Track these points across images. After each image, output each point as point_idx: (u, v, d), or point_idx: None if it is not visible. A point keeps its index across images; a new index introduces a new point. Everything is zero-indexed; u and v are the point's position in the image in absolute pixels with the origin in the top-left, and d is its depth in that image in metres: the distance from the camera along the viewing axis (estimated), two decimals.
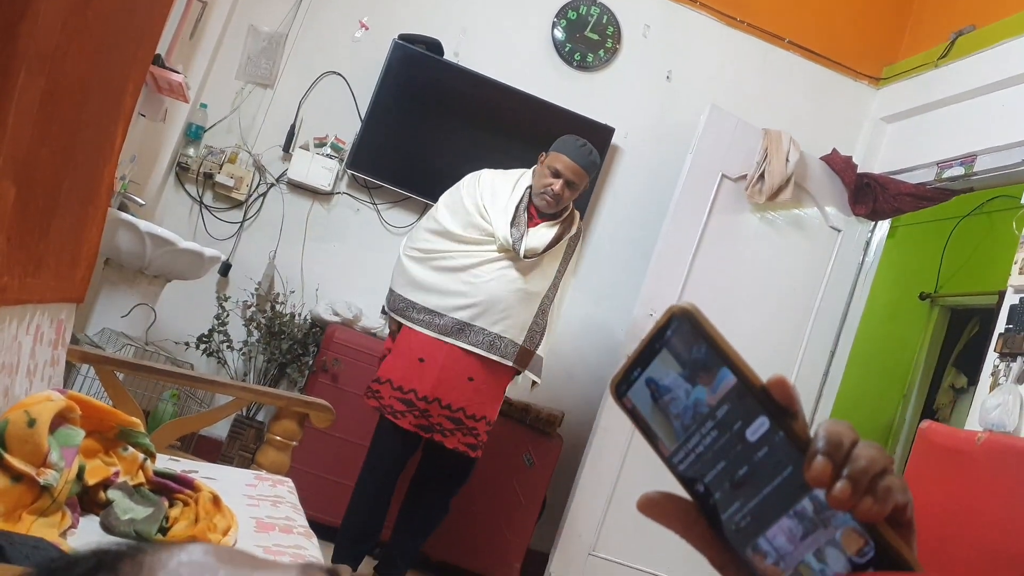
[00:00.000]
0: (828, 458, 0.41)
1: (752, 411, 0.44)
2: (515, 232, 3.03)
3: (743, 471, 0.44)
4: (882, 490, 0.41)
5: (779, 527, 0.43)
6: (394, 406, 3.00)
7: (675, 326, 0.47)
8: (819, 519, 0.42)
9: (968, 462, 1.92)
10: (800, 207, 4.18)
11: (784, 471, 0.43)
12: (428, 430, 3.01)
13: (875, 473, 0.42)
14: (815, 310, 4.21)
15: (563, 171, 3.04)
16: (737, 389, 0.45)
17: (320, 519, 3.33)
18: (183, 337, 3.80)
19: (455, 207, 3.15)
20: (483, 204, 3.09)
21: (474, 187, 3.15)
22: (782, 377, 0.44)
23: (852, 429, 0.43)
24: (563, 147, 3.07)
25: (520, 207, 3.08)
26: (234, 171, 4.01)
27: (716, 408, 0.45)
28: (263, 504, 1.89)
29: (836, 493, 0.41)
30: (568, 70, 4.31)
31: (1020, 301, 3.02)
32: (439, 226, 3.13)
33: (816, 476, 0.41)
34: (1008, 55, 3.57)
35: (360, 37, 4.17)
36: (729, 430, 0.45)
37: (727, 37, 4.41)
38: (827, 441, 0.42)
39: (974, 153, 3.68)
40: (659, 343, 0.47)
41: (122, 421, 1.59)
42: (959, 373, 5.74)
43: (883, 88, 4.46)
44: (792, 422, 0.44)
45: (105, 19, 1.64)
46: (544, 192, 3.05)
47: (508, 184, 3.14)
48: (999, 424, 2.81)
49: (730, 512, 0.45)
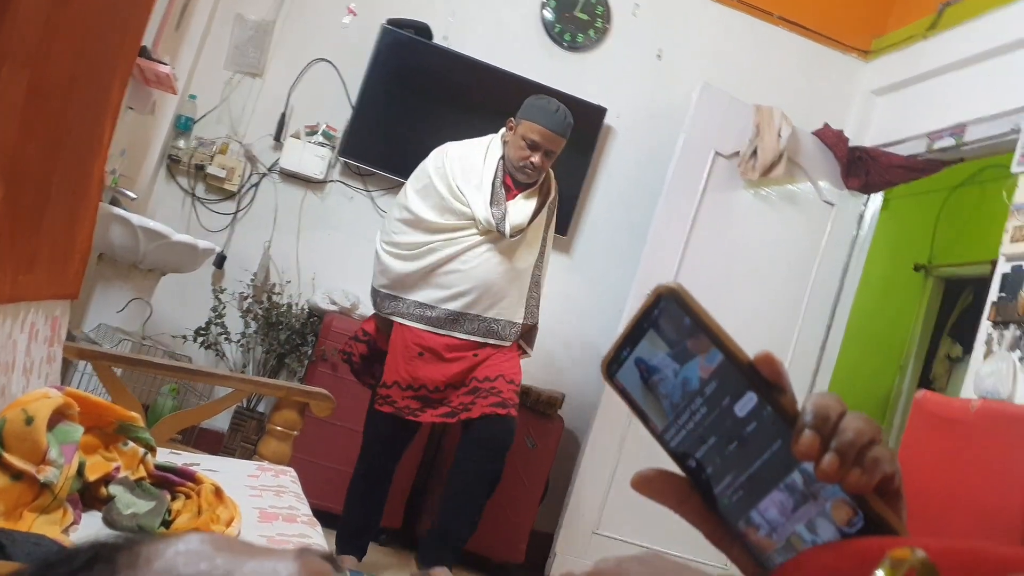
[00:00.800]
0: (816, 432, 0.42)
1: (740, 387, 0.45)
2: (496, 212, 2.88)
3: (733, 446, 0.45)
4: (869, 462, 0.42)
5: (770, 500, 0.44)
6: (410, 406, 2.93)
7: (662, 305, 0.47)
8: (809, 491, 0.43)
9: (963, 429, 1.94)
10: (793, 182, 4.19)
11: (773, 445, 0.44)
12: (452, 415, 2.94)
13: (862, 445, 0.42)
14: (810, 284, 4.22)
15: (540, 142, 2.89)
16: (724, 365, 0.45)
17: (324, 507, 3.35)
18: (180, 330, 3.80)
19: (426, 192, 2.99)
20: (456, 185, 2.92)
21: (442, 166, 2.98)
22: (768, 353, 0.45)
23: (840, 401, 0.44)
24: (535, 114, 2.91)
25: (496, 183, 2.92)
26: (225, 162, 4.00)
27: (705, 385, 0.46)
28: (266, 494, 1.89)
29: (824, 466, 0.41)
30: (558, 51, 4.30)
31: (1012, 270, 3.02)
32: (411, 215, 2.99)
33: (804, 450, 0.42)
34: (995, 25, 3.56)
35: (348, 23, 4.15)
36: (718, 406, 0.45)
37: (717, 14, 4.39)
38: (814, 415, 0.42)
39: (964, 124, 3.68)
40: (647, 322, 0.48)
41: (121, 416, 1.60)
42: (954, 343, 5.77)
43: (873, 61, 4.45)
44: (780, 397, 0.44)
45: (89, 12, 1.64)
46: (523, 166, 2.92)
47: (478, 157, 2.97)
48: (993, 391, 2.83)
49: (722, 486, 0.46)
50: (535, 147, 2.88)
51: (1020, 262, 3.00)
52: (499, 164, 2.94)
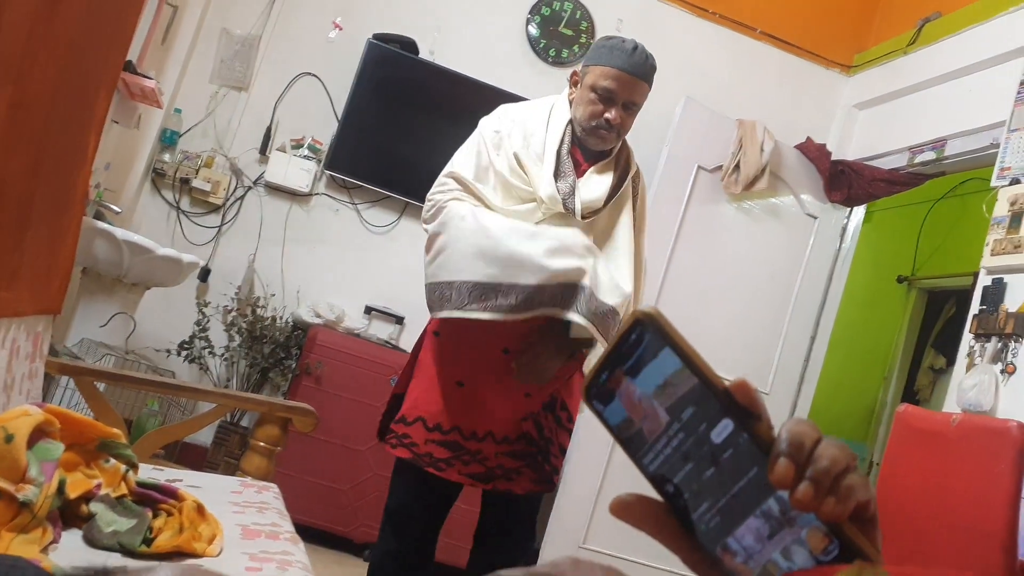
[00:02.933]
0: (790, 460, 0.42)
1: (716, 413, 0.45)
2: (562, 186, 2.14)
3: (710, 472, 0.45)
4: (844, 490, 0.42)
5: (747, 527, 0.44)
6: (434, 453, 2.15)
7: (639, 330, 0.48)
8: (785, 519, 0.43)
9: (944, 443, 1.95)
10: (776, 195, 4.21)
11: (750, 472, 0.44)
12: (487, 478, 2.17)
13: (837, 473, 0.42)
14: (794, 296, 4.25)
15: (617, 89, 2.13)
16: (701, 391, 0.46)
17: (307, 522, 3.34)
18: (164, 344, 3.78)
19: (485, 172, 2.21)
20: (518, 155, 2.18)
21: (501, 133, 2.22)
22: (744, 380, 0.45)
23: (815, 428, 0.44)
24: (606, 56, 2.16)
25: (562, 151, 2.18)
26: (211, 175, 4.00)
27: (682, 411, 0.46)
28: (249, 511, 1.88)
29: (799, 495, 0.42)
30: (543, 66, 4.32)
31: (993, 282, 3.05)
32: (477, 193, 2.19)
33: (779, 478, 0.42)
34: (973, 41, 3.61)
35: (334, 37, 4.16)
36: (695, 432, 0.46)
37: (699, 29, 4.43)
38: (789, 443, 0.43)
39: (944, 138, 3.72)
40: (625, 347, 0.48)
41: (102, 433, 1.59)
42: (938, 354, 5.81)
43: (854, 75, 4.50)
44: (756, 423, 0.45)
45: (73, 26, 1.63)
46: (596, 125, 2.15)
47: (539, 122, 2.24)
48: (976, 403, 2.85)
49: (700, 512, 0.46)
50: (610, 98, 2.13)
51: (1001, 275, 3.03)
52: (566, 129, 2.21)
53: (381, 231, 4.18)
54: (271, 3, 4.09)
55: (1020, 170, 3.07)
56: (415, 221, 4.20)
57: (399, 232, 4.20)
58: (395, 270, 4.17)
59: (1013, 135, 3.15)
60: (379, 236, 4.19)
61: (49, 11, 1.51)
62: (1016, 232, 2.97)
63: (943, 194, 5.31)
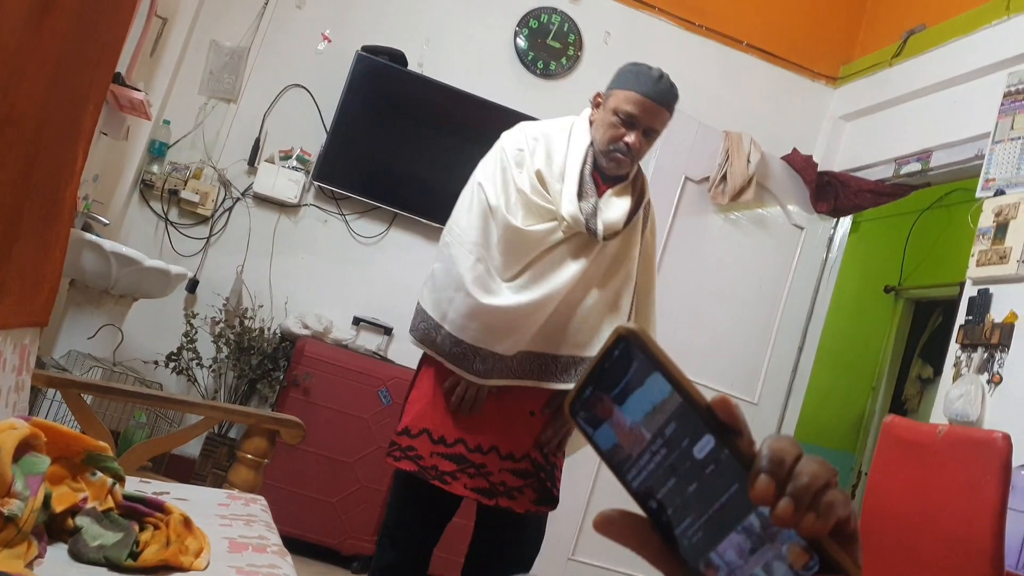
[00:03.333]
0: (771, 476, 0.43)
1: (698, 429, 0.46)
2: (585, 206, 2.12)
3: (693, 488, 0.46)
4: (824, 506, 0.42)
5: (729, 542, 0.45)
6: (440, 467, 2.13)
7: (622, 347, 0.48)
8: (766, 534, 0.44)
9: (930, 454, 1.96)
10: (763, 207, 4.24)
11: (731, 488, 0.45)
12: (490, 494, 2.15)
13: (817, 489, 0.43)
14: (782, 307, 4.26)
15: (638, 115, 2.13)
16: (683, 408, 0.46)
17: (294, 535, 3.33)
18: (152, 356, 3.77)
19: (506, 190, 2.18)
20: (541, 173, 2.17)
21: (524, 151, 2.20)
22: (725, 397, 0.46)
23: (795, 444, 0.45)
24: (631, 81, 2.16)
25: (584, 172, 2.17)
26: (199, 187, 3.99)
27: (664, 427, 0.47)
28: (236, 524, 1.88)
29: (779, 512, 0.42)
30: (531, 78, 4.34)
31: (978, 293, 3.08)
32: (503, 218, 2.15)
33: (759, 495, 0.43)
34: (958, 53, 3.65)
35: (323, 50, 4.16)
36: (677, 448, 0.46)
37: (686, 42, 4.45)
38: (770, 459, 0.43)
39: (929, 149, 3.75)
40: (608, 363, 0.49)
41: (89, 445, 1.58)
42: (925, 364, 5.84)
43: (840, 87, 4.53)
44: (737, 440, 0.45)
45: (61, 39, 1.64)
46: (614, 148, 2.15)
47: (561, 141, 2.23)
48: (962, 414, 2.87)
49: (682, 527, 0.46)
50: (631, 122, 2.13)
51: (986, 285, 3.05)
52: (588, 151, 2.19)
53: (369, 242, 4.18)
54: (260, 15, 4.10)
55: (1005, 181, 3.09)
56: (403, 232, 4.20)
57: (387, 243, 4.20)
58: (383, 281, 4.17)
59: (997, 146, 3.18)
60: (367, 247, 4.19)
61: (37, 26, 1.51)
62: (1001, 243, 3.00)
63: (929, 205, 5.35)
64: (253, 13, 4.09)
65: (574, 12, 4.35)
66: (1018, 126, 3.12)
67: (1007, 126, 3.17)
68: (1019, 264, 2.91)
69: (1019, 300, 2.92)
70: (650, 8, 4.42)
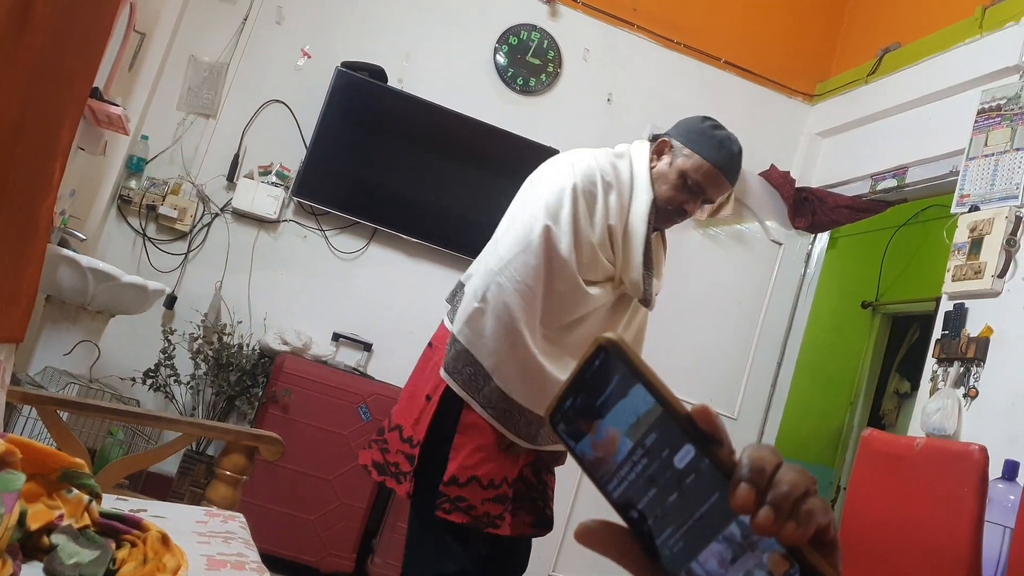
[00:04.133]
0: (751, 485, 0.43)
1: (678, 439, 0.46)
2: (647, 275, 2.04)
3: (673, 497, 0.46)
4: (804, 514, 0.43)
5: (710, 551, 0.45)
6: (491, 512, 2.02)
7: (602, 357, 0.48)
8: (746, 543, 0.44)
9: (908, 468, 1.98)
10: (741, 222, 4.27)
11: (712, 497, 0.45)
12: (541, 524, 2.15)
13: (797, 497, 0.43)
14: (760, 322, 4.29)
15: (707, 187, 2.02)
16: (663, 417, 0.46)
17: (273, 552, 3.30)
18: (129, 372, 3.74)
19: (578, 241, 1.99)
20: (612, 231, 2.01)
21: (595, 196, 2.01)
22: (705, 406, 0.46)
23: (776, 453, 0.45)
24: (710, 149, 2.01)
25: (649, 234, 2.03)
26: (177, 202, 3.97)
27: (644, 436, 0.47)
28: (214, 541, 1.86)
29: (759, 520, 0.42)
30: (511, 94, 4.36)
31: (954, 308, 3.11)
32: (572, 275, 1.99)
33: (740, 503, 0.43)
34: (933, 71, 3.70)
35: (303, 65, 4.16)
36: (658, 458, 0.46)
37: (665, 58, 4.49)
38: (750, 468, 0.43)
39: (905, 165, 3.80)
40: (588, 373, 0.49)
41: (65, 462, 1.56)
42: (902, 379, 5.88)
43: (817, 104, 4.58)
44: (717, 449, 0.45)
45: (39, 53, 1.63)
46: (672, 210, 2.06)
47: (627, 191, 2.04)
48: (939, 427, 2.89)
49: (663, 537, 0.46)
50: (697, 191, 2.02)
51: (962, 300, 3.08)
52: (651, 210, 2.02)
53: (349, 257, 4.17)
54: (239, 31, 4.10)
55: (979, 197, 3.13)
56: (383, 247, 4.20)
57: (367, 258, 4.19)
58: (363, 297, 4.16)
59: (972, 163, 3.23)
60: (347, 262, 4.18)
61: (14, 39, 1.51)
62: (976, 258, 3.03)
63: (905, 221, 5.40)
64: (232, 29, 4.09)
65: (553, 29, 4.38)
66: (992, 143, 3.16)
67: (981, 143, 3.21)
68: (994, 279, 2.95)
69: (994, 314, 2.95)
70: (628, 25, 4.45)
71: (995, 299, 2.96)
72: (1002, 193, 3.05)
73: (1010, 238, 2.94)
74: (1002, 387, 2.82)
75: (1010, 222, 2.95)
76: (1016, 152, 3.04)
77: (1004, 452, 2.29)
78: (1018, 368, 2.79)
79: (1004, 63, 3.26)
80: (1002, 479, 2.15)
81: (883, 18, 4.30)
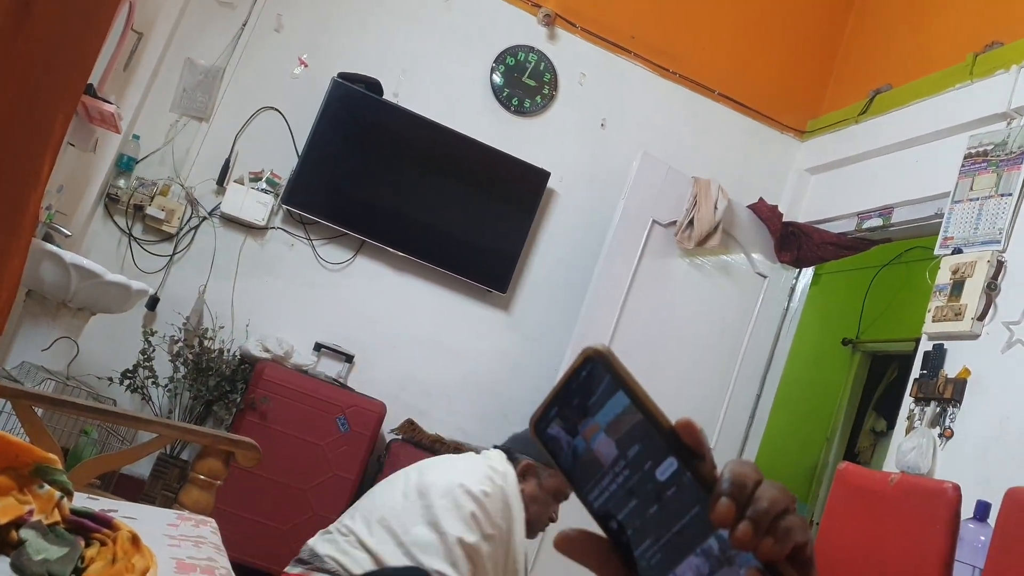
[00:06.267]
0: (731, 499, 0.43)
1: (661, 452, 0.46)
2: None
3: (654, 509, 0.46)
4: (782, 530, 0.43)
5: (687, 564, 0.45)
6: None
7: (589, 367, 0.49)
8: (724, 557, 0.44)
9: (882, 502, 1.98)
10: (728, 253, 4.29)
11: (692, 510, 0.45)
12: None
13: (776, 514, 0.43)
14: (742, 354, 4.30)
15: (568, 494, 2.14)
16: (647, 430, 0.47)
17: (243, 561, 3.26)
18: (107, 372, 3.71)
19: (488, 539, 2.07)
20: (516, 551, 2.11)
21: (511, 515, 2.10)
22: (689, 420, 0.46)
23: (756, 470, 0.45)
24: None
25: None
26: (165, 204, 3.96)
27: (628, 448, 0.47)
28: (184, 544, 1.84)
29: (738, 534, 0.43)
30: (506, 115, 4.38)
31: (933, 348, 3.13)
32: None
33: (720, 517, 0.43)
34: (921, 114, 3.75)
35: (299, 74, 4.17)
36: (640, 469, 0.46)
37: (660, 87, 4.53)
38: (731, 482, 0.44)
39: (891, 205, 3.84)
40: (575, 383, 0.49)
41: (38, 457, 1.55)
42: (879, 417, 5.91)
43: (808, 141, 4.63)
44: (699, 463, 0.46)
45: (37, 46, 1.63)
46: (547, 524, 2.19)
47: (517, 510, 2.12)
48: (914, 466, 2.91)
49: (642, 549, 0.46)
50: (561, 500, 2.16)
51: (941, 341, 3.11)
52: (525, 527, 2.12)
53: (335, 268, 4.17)
54: (237, 36, 4.11)
55: (963, 240, 3.17)
56: (370, 260, 4.19)
57: (354, 270, 4.19)
58: (347, 308, 4.15)
59: (957, 206, 3.27)
60: (333, 273, 4.17)
61: (14, 30, 1.50)
62: (957, 300, 3.06)
63: (888, 260, 5.45)
64: (231, 34, 4.10)
65: (551, 52, 4.41)
66: (977, 187, 3.20)
67: (967, 187, 3.25)
68: (973, 321, 2.98)
69: (972, 356, 2.97)
70: (626, 52, 4.49)
71: (974, 341, 2.99)
72: (985, 237, 3.08)
73: (991, 282, 2.97)
74: (977, 428, 2.84)
75: (992, 266, 2.99)
76: (1000, 197, 3.08)
77: (977, 493, 2.30)
78: (993, 410, 2.82)
79: (992, 110, 3.31)
80: (973, 519, 2.16)
81: (876, 59, 4.36)
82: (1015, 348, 2.84)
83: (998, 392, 2.83)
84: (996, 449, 2.74)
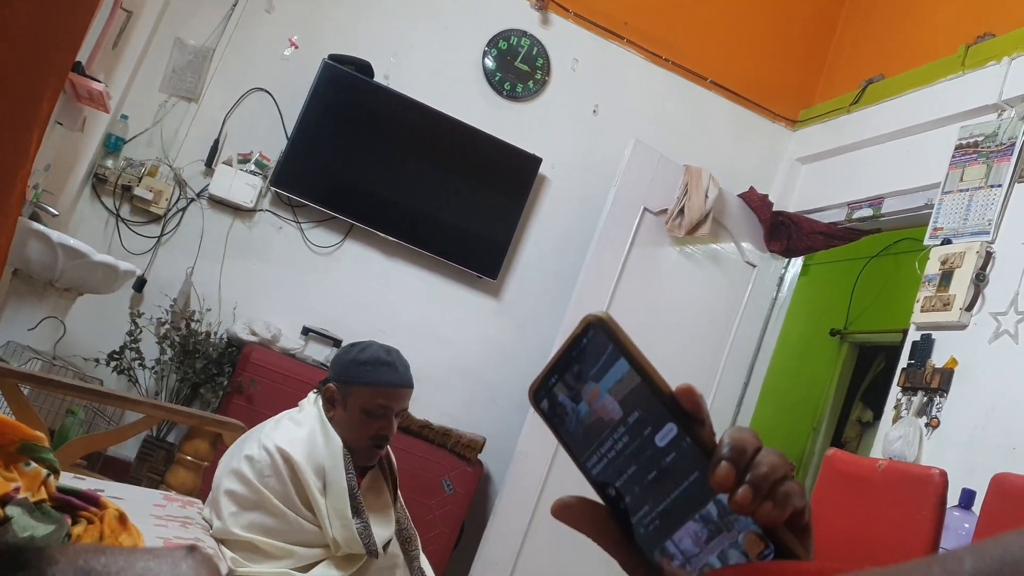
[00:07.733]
0: (732, 464, 0.43)
1: (661, 417, 0.46)
2: (359, 525, 1.95)
3: (652, 476, 0.46)
4: (781, 495, 0.43)
5: (685, 530, 0.45)
6: None
7: (590, 334, 0.48)
8: (723, 523, 0.44)
9: (869, 488, 1.99)
10: (717, 242, 4.30)
11: (691, 476, 0.45)
12: None
13: (776, 479, 0.43)
14: (730, 342, 4.31)
15: (391, 405, 2.02)
16: (647, 396, 0.46)
17: None
18: (93, 353, 3.68)
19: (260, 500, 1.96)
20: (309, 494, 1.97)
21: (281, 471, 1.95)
22: (689, 385, 0.46)
23: (756, 436, 0.45)
24: (374, 375, 2.01)
25: (351, 483, 1.98)
26: (153, 184, 3.93)
27: (627, 414, 0.47)
28: (171, 524, 1.84)
29: (738, 498, 0.43)
30: (497, 99, 4.36)
31: (921, 338, 3.15)
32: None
33: (720, 481, 0.43)
34: (913, 104, 3.75)
35: (289, 55, 4.14)
36: (639, 436, 0.46)
37: (653, 75, 4.52)
38: (731, 447, 0.44)
39: (882, 196, 3.85)
40: (575, 350, 0.49)
41: (24, 435, 1.53)
42: (865, 408, 5.94)
43: (799, 130, 4.63)
44: (699, 429, 0.45)
45: (23, 21, 1.60)
46: (375, 442, 2.03)
47: (317, 453, 2.00)
48: (900, 455, 2.92)
49: (640, 515, 0.46)
50: (385, 413, 2.02)
51: (929, 331, 3.12)
52: (345, 455, 1.99)
53: (324, 252, 4.15)
54: (228, 16, 4.07)
55: (952, 231, 3.18)
56: (359, 244, 4.18)
57: (342, 254, 4.17)
58: (336, 292, 4.14)
59: (947, 197, 3.27)
60: (322, 257, 4.16)
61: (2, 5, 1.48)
62: (946, 290, 3.08)
63: (878, 251, 5.46)
64: (221, 14, 4.06)
65: (544, 37, 4.40)
66: (967, 178, 3.21)
67: (957, 178, 3.26)
68: (961, 312, 2.99)
69: (960, 347, 2.99)
70: (619, 39, 4.48)
71: (962, 331, 3.01)
72: (974, 228, 3.09)
73: (980, 272, 2.99)
74: (963, 418, 2.86)
75: (980, 257, 3.00)
76: (990, 189, 3.09)
77: (962, 481, 2.32)
78: (979, 400, 2.83)
79: (983, 101, 3.31)
80: (958, 507, 2.17)
81: (868, 50, 4.36)
82: (1002, 339, 2.85)
83: (985, 382, 2.85)
84: (982, 439, 2.76)
